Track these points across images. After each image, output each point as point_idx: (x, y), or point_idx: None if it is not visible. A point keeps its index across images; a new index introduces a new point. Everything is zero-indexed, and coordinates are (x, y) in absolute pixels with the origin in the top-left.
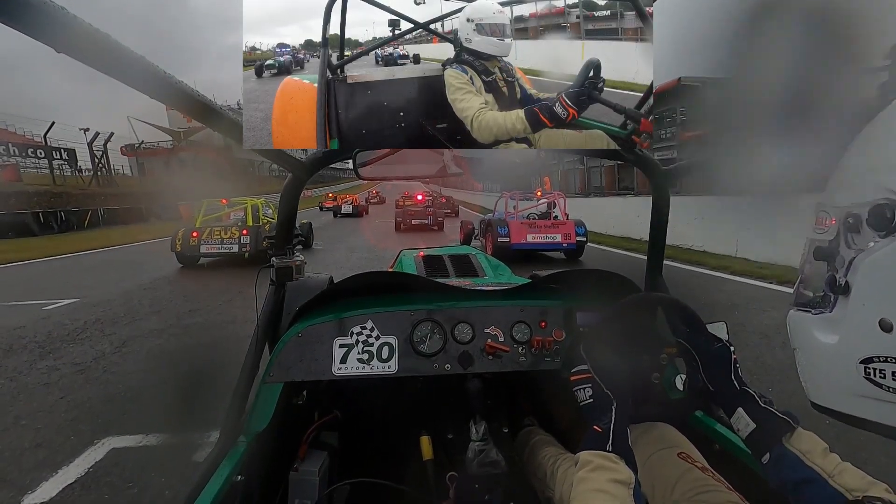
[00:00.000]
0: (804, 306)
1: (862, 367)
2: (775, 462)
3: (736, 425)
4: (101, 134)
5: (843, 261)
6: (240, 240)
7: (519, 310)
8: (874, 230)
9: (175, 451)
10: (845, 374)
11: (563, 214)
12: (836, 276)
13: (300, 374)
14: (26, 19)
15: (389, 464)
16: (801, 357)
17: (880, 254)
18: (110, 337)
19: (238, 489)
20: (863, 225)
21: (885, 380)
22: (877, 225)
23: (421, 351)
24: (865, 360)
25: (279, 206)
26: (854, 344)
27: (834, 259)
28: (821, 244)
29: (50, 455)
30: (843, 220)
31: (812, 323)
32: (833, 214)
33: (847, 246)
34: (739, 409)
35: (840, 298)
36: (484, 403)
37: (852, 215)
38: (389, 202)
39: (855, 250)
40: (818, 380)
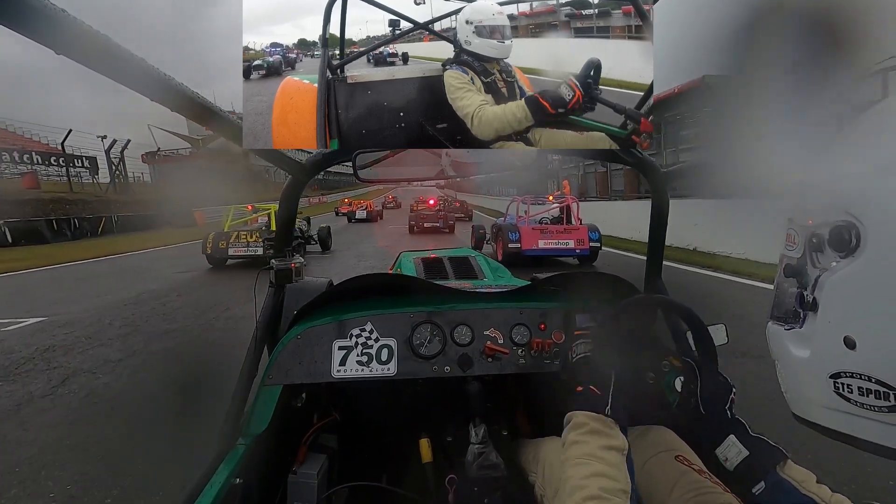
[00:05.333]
0: (779, 320)
1: (831, 381)
2: (771, 490)
3: (724, 455)
4: (119, 141)
5: (810, 278)
6: (263, 243)
7: (518, 312)
8: (835, 251)
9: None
10: (818, 387)
11: (577, 219)
12: (804, 292)
13: (299, 377)
14: (26, 21)
15: (388, 466)
16: (780, 369)
17: (841, 274)
18: (54, 371)
19: (236, 492)
20: (825, 245)
21: (852, 394)
22: (837, 246)
23: (420, 353)
24: (834, 375)
25: (278, 209)
26: (823, 359)
27: (802, 276)
28: (790, 261)
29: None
30: (808, 240)
31: (786, 337)
32: (800, 233)
33: (812, 265)
34: (731, 436)
35: (809, 314)
36: (483, 406)
37: (816, 235)
38: (406, 207)
39: (820, 269)
40: (795, 392)
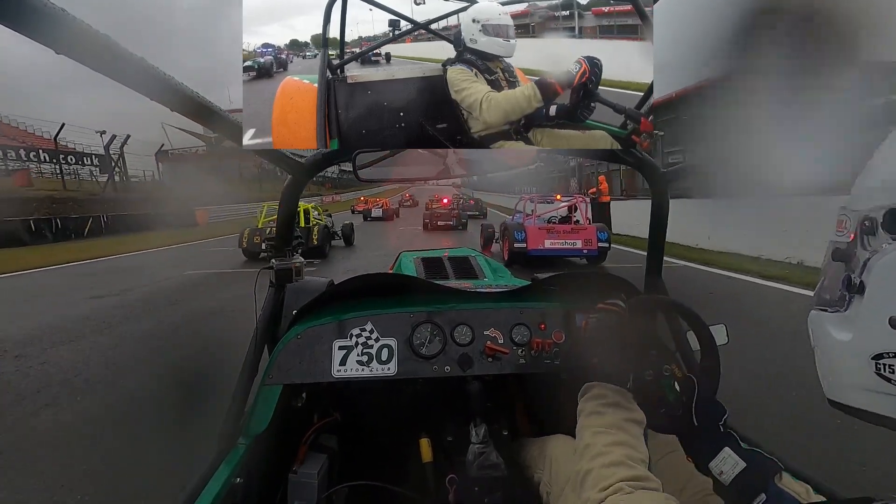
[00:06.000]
0: (822, 306)
1: (873, 362)
2: (773, 502)
3: (719, 468)
4: (119, 137)
5: (858, 262)
6: None
7: (518, 312)
8: (888, 233)
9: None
10: (858, 369)
11: (585, 219)
12: (851, 276)
13: (299, 376)
14: (26, 21)
15: (389, 466)
16: (819, 355)
17: (893, 255)
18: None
19: (237, 491)
20: (878, 228)
21: (893, 375)
22: (890, 228)
23: (420, 353)
24: (876, 356)
25: (278, 208)
26: (866, 340)
27: (851, 260)
28: (839, 246)
29: None
30: (861, 223)
31: (828, 321)
32: (852, 217)
33: (863, 248)
34: (726, 448)
35: (855, 297)
36: (484, 406)
37: (869, 219)
38: (423, 205)
39: (870, 252)
40: (834, 376)
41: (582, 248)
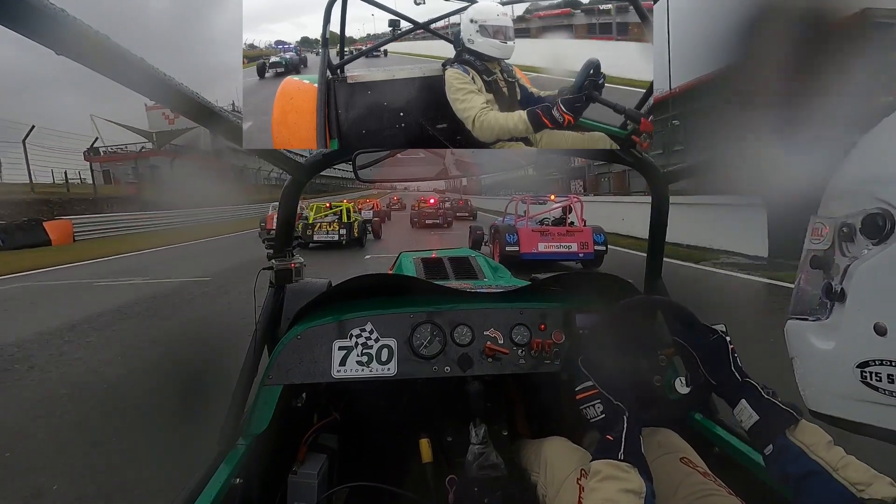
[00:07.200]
0: (801, 315)
1: (858, 371)
2: (778, 454)
3: (739, 417)
4: None
5: (838, 268)
6: (339, 232)
7: (518, 312)
8: (867, 238)
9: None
10: (842, 378)
11: (580, 220)
12: (831, 283)
13: (299, 377)
14: (26, 21)
15: (389, 466)
16: (798, 365)
17: (873, 260)
18: None
19: (237, 492)
20: (856, 234)
21: (881, 383)
22: (869, 233)
23: (420, 353)
24: (861, 364)
25: (278, 209)
26: (850, 349)
27: (829, 267)
28: (816, 253)
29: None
30: (838, 230)
31: (809, 330)
32: (828, 224)
33: (842, 254)
34: (742, 400)
35: (836, 305)
36: (484, 406)
37: (847, 224)
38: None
39: (849, 258)
40: (816, 387)
41: (577, 251)
